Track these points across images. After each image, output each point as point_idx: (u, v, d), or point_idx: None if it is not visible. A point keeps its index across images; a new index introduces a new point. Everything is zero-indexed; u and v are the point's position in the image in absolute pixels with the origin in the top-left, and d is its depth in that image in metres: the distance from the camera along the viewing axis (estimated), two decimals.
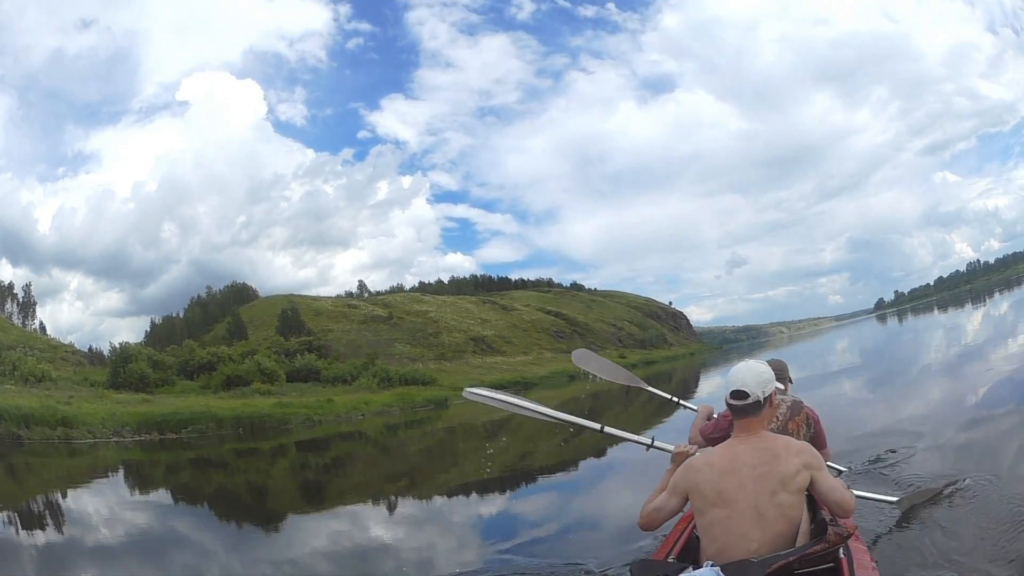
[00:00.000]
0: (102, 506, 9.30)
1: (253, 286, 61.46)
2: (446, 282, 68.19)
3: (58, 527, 7.73)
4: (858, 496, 4.18)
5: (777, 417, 3.56)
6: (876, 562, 2.77)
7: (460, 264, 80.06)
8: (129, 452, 18.70)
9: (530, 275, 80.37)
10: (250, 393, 33.48)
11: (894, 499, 4.32)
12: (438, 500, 9.12)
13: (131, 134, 58.90)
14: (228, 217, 60.06)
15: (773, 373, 2.81)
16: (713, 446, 3.57)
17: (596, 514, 6.07)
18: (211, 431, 22.95)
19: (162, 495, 10.92)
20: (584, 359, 5.95)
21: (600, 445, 12.21)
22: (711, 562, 2.41)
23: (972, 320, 28.10)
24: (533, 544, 5.45)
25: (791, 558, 2.32)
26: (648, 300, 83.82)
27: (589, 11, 60.22)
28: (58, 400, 24.40)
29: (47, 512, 8.93)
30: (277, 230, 65.93)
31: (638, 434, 3.96)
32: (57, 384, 29.49)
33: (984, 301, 43.11)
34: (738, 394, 2.67)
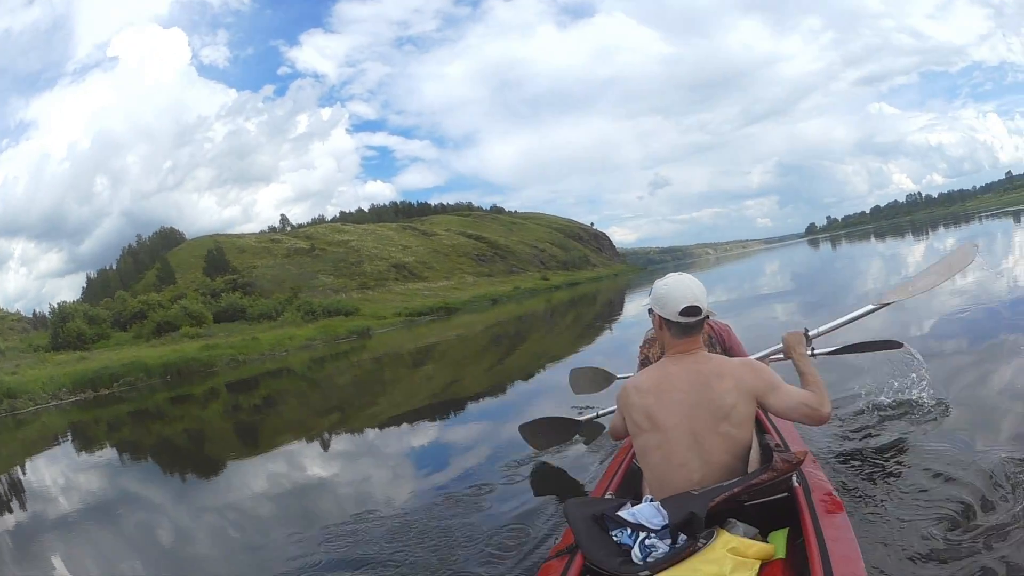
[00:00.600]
0: (57, 475, 9.56)
1: (180, 230, 59.95)
2: (367, 210, 67.91)
3: (21, 503, 8.01)
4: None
5: None
6: (836, 488, 2.53)
7: (380, 192, 79.32)
8: (68, 414, 18.57)
9: (450, 199, 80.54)
10: (179, 338, 33.45)
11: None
12: (370, 433, 9.20)
13: (66, 95, 55.62)
14: (155, 164, 58.01)
15: None
16: None
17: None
18: (140, 382, 23.20)
19: (108, 454, 11.18)
20: (578, 385, 5.76)
21: (528, 369, 12.95)
22: (650, 496, 2.31)
23: (914, 252, 26.60)
24: (465, 475, 5.44)
25: (736, 488, 2.11)
26: (569, 221, 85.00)
27: None
28: (5, 371, 24.21)
29: (9, 489, 9.13)
30: (201, 171, 63.88)
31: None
32: (5, 355, 29.23)
33: (927, 234, 41.58)
34: (691, 310, 2.38)
